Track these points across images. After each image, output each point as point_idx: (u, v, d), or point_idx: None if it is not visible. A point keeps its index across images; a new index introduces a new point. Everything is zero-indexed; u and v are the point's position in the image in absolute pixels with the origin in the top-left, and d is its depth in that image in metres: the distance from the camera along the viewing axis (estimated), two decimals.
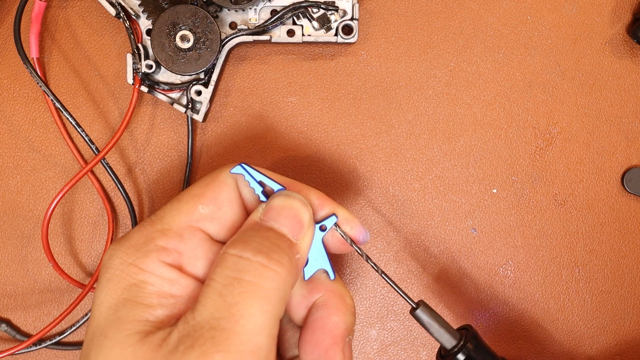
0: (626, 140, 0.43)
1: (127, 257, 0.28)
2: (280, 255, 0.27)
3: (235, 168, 0.30)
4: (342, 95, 0.43)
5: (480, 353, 0.33)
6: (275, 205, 0.29)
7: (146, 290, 0.27)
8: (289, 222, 0.29)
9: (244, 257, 0.26)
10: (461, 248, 0.43)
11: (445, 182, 0.43)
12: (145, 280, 0.27)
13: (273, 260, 0.27)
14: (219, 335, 0.24)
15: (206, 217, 0.30)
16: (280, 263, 0.27)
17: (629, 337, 0.43)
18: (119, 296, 0.27)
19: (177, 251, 0.29)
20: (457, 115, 0.43)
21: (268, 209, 0.29)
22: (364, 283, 0.43)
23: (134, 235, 0.29)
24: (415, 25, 0.43)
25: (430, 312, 0.32)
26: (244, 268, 0.26)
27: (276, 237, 0.28)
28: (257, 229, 0.29)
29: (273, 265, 0.26)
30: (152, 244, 0.28)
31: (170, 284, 0.28)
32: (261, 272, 0.26)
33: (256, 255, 0.26)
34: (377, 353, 0.43)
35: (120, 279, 0.28)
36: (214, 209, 0.30)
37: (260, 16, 0.41)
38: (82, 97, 0.43)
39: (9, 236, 0.43)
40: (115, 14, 0.39)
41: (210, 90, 0.40)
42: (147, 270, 0.28)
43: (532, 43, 0.43)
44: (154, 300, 0.27)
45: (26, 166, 0.43)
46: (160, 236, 0.29)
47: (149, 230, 0.29)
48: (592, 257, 0.43)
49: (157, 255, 0.28)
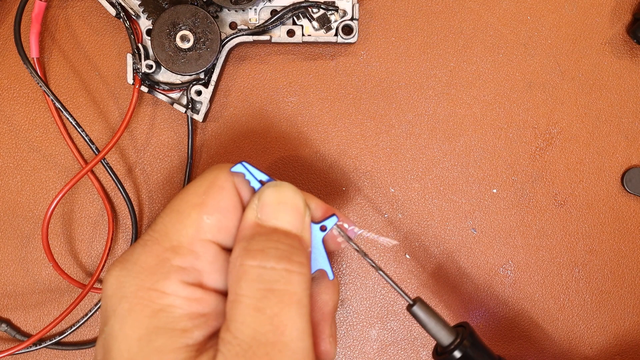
0: (626, 140, 0.43)
1: (143, 282, 0.26)
2: (299, 256, 0.27)
3: (236, 167, 0.29)
4: (342, 95, 0.43)
5: (476, 351, 0.32)
6: (269, 200, 0.28)
7: (176, 314, 0.26)
8: (289, 217, 0.28)
9: (268, 267, 0.26)
10: (461, 248, 0.43)
11: (445, 182, 0.43)
12: (172, 303, 0.26)
13: (295, 263, 0.27)
14: (271, 350, 0.25)
15: (214, 227, 0.28)
16: (301, 264, 0.27)
17: (628, 337, 0.43)
18: (147, 325, 0.25)
19: (195, 269, 0.27)
20: (457, 115, 0.43)
21: (263, 206, 0.28)
22: (364, 283, 0.43)
23: (141, 257, 0.27)
24: (415, 25, 0.43)
25: (427, 308, 0.32)
26: (272, 278, 0.26)
27: (287, 237, 0.28)
28: (264, 232, 0.28)
29: (297, 268, 0.27)
30: (168, 264, 0.27)
31: (197, 303, 0.27)
32: (289, 278, 0.26)
33: (280, 263, 0.26)
34: (377, 353, 0.43)
35: (143, 306, 0.26)
36: (219, 217, 0.28)
37: (260, 16, 0.41)
38: (82, 97, 0.43)
39: (9, 236, 0.43)
40: (115, 14, 0.39)
41: (210, 90, 0.40)
42: (171, 293, 0.26)
43: (532, 43, 0.43)
44: (188, 323, 0.26)
45: (26, 166, 0.43)
46: (174, 255, 0.27)
47: (158, 249, 0.27)
48: (592, 257, 0.43)
49: (177, 276, 0.27)
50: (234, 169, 0.30)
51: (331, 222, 0.31)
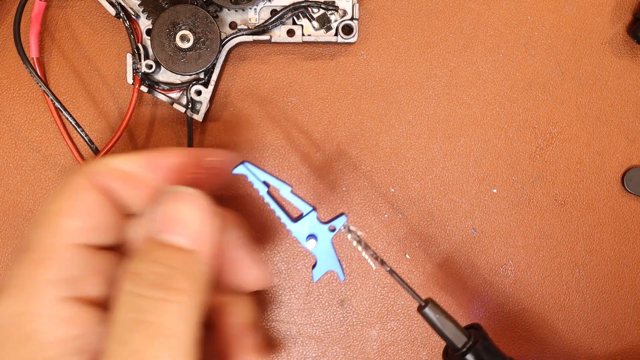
0: (626, 140, 0.43)
1: (16, 307, 0.24)
2: (179, 281, 0.24)
3: (238, 168, 0.29)
4: (342, 95, 0.43)
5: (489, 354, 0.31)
6: (161, 210, 0.25)
7: (44, 340, 0.23)
8: (184, 229, 0.25)
9: (141, 295, 0.23)
10: (461, 248, 0.43)
11: (445, 182, 0.43)
12: (39, 328, 0.23)
13: (171, 290, 0.24)
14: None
15: (79, 230, 0.26)
16: (180, 291, 0.24)
17: (629, 337, 0.43)
18: (14, 357, 0.23)
19: (67, 278, 0.25)
20: (457, 115, 0.43)
21: (154, 217, 0.25)
22: (364, 283, 0.43)
23: (12, 280, 0.24)
24: (415, 25, 0.43)
25: (439, 310, 0.31)
26: (143, 308, 0.23)
27: (172, 256, 0.25)
28: (150, 249, 0.25)
29: (173, 296, 0.24)
30: (37, 280, 0.24)
31: (71, 323, 0.24)
32: (161, 309, 0.23)
33: (153, 290, 0.23)
34: (377, 353, 0.43)
35: (11, 334, 0.23)
36: (84, 219, 0.26)
37: (260, 16, 0.41)
38: (82, 97, 0.43)
39: (9, 236, 0.43)
40: (115, 14, 0.39)
41: (210, 90, 0.40)
42: (41, 314, 0.24)
43: (532, 43, 0.43)
44: (57, 350, 0.23)
45: (26, 166, 0.43)
46: (41, 269, 0.24)
47: (25, 267, 0.24)
48: (592, 257, 0.43)
49: (49, 292, 0.24)
50: (235, 171, 0.29)
51: (340, 222, 0.30)
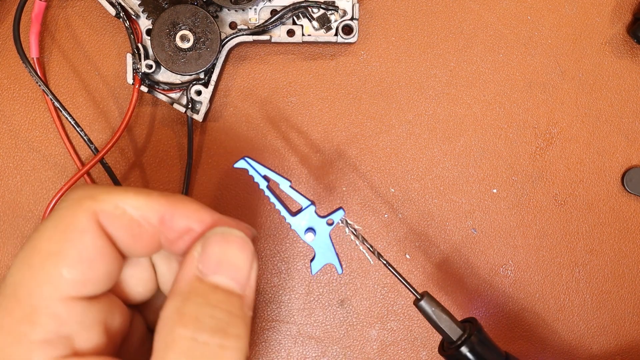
0: (626, 140, 0.43)
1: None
2: (237, 327, 0.24)
3: (239, 162, 0.30)
4: (342, 95, 0.43)
5: (484, 347, 0.32)
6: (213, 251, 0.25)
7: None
8: (233, 271, 0.25)
9: (201, 342, 0.23)
10: (461, 248, 0.43)
11: (445, 182, 0.43)
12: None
13: (232, 337, 0.24)
14: None
15: (77, 282, 0.23)
16: (238, 337, 0.24)
17: (629, 337, 0.43)
18: None
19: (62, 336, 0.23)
20: (457, 115, 0.43)
21: (205, 257, 0.25)
22: (364, 283, 0.43)
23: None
24: (415, 25, 0.43)
25: (435, 303, 0.32)
26: (202, 355, 0.23)
27: (227, 300, 0.24)
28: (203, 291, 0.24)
29: (232, 343, 0.23)
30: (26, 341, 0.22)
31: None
32: (222, 356, 0.23)
33: (214, 337, 0.23)
34: (377, 353, 0.43)
35: None
36: (82, 269, 0.23)
37: (260, 16, 0.41)
38: (82, 97, 0.43)
39: (9, 236, 0.43)
40: (115, 14, 0.39)
41: (210, 90, 0.40)
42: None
43: (532, 43, 0.43)
44: None
45: (25, 166, 0.43)
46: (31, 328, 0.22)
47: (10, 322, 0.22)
48: (592, 257, 0.43)
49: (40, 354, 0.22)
50: (237, 165, 0.30)
51: (337, 215, 0.31)
